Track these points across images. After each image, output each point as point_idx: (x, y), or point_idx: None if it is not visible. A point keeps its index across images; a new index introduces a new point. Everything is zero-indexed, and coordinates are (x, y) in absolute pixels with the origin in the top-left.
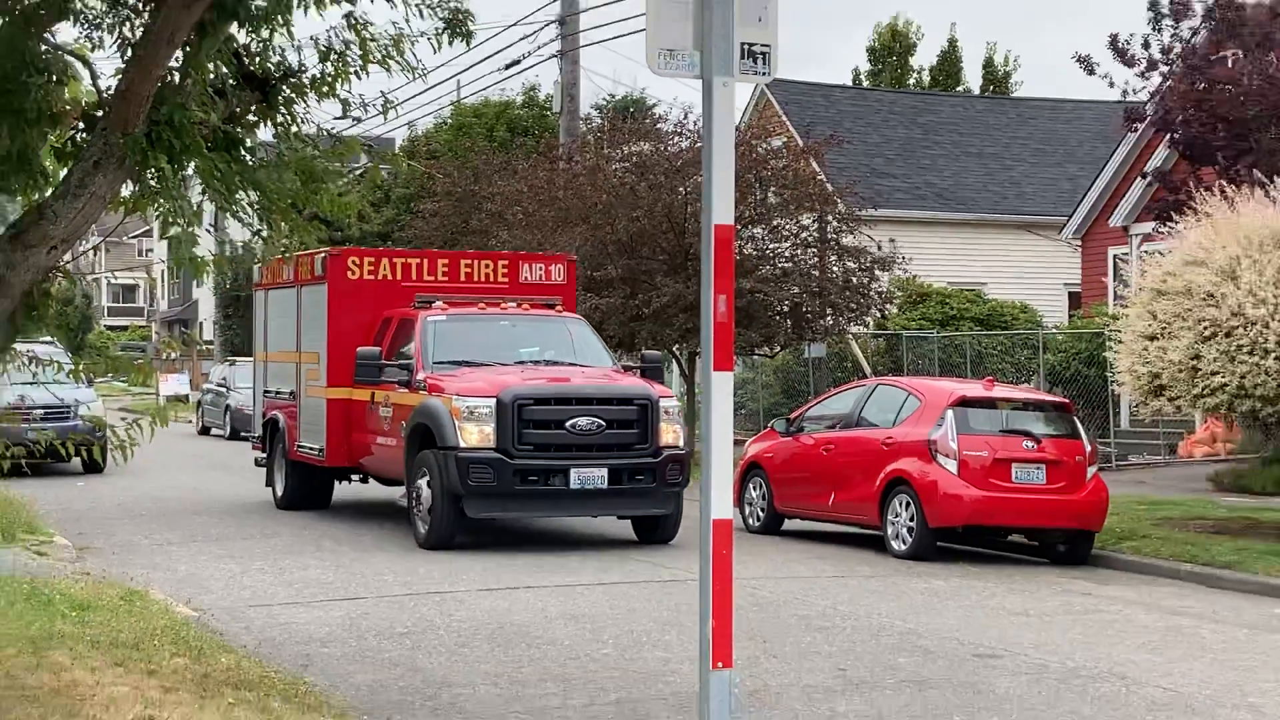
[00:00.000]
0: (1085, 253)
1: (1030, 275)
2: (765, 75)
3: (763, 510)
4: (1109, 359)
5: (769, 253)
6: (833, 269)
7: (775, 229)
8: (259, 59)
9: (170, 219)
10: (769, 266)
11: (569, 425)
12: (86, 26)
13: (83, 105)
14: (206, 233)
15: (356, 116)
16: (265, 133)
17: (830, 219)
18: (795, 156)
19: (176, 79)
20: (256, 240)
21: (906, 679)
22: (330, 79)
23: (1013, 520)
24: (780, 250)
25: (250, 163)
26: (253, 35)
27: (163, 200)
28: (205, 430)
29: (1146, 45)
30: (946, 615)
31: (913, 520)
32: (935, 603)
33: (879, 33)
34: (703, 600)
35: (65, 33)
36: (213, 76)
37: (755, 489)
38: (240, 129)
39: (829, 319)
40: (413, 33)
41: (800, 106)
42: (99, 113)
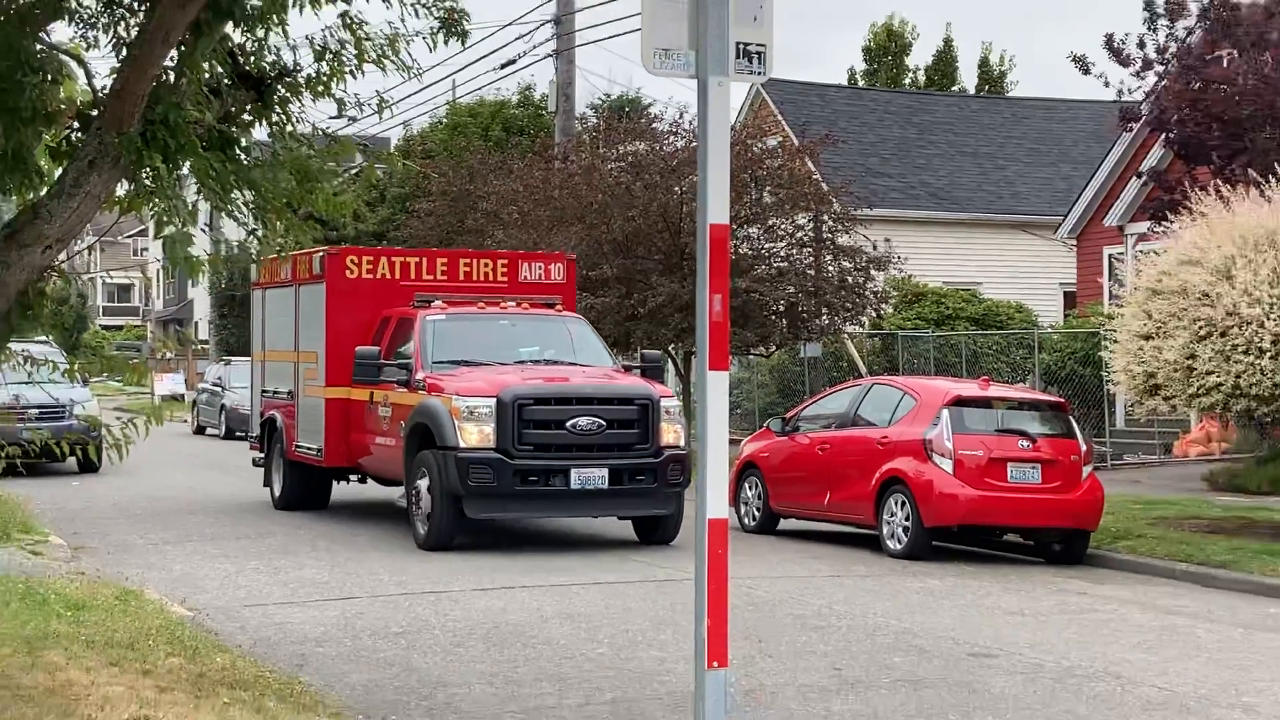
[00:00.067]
0: (1080, 252)
1: (1025, 275)
2: (760, 75)
3: (758, 510)
4: (1104, 358)
5: (764, 252)
6: (828, 269)
7: (771, 228)
8: (254, 58)
9: (165, 218)
10: (764, 266)
11: (569, 425)
12: (82, 26)
13: (78, 104)
14: (202, 232)
15: (352, 116)
16: (260, 132)
17: (825, 218)
18: (790, 156)
19: (171, 78)
20: (252, 240)
21: (902, 678)
22: (325, 78)
23: (1008, 520)
24: (776, 250)
25: (245, 162)
26: (248, 34)
27: (158, 199)
28: (200, 430)
29: (1142, 45)
30: (942, 614)
31: (908, 520)
32: (930, 602)
33: (874, 32)
34: (698, 600)
35: (60, 32)
36: (208, 76)
37: (751, 488)
38: (235, 128)
39: (824, 319)
40: (408, 32)
41: (795, 106)
42: (94, 112)
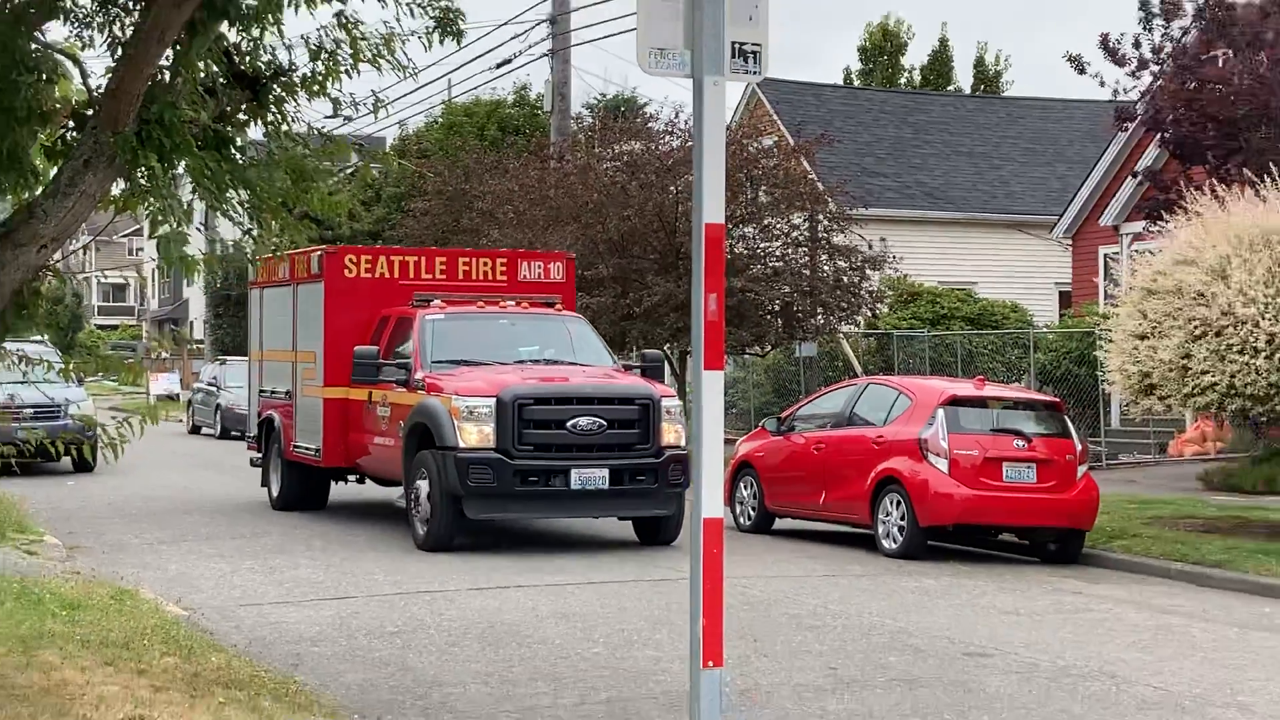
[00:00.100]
0: (1076, 252)
1: (1021, 274)
2: (756, 74)
3: (754, 509)
4: (1099, 358)
5: (760, 252)
6: (823, 268)
7: (766, 228)
8: (249, 58)
9: (160, 218)
10: (760, 265)
11: (570, 425)
12: (77, 25)
13: (73, 104)
14: (197, 231)
15: (347, 115)
16: (256, 131)
17: (821, 218)
18: (786, 155)
19: (167, 77)
20: (247, 239)
21: (897, 678)
22: (321, 78)
23: (1003, 519)
24: (771, 249)
25: (240, 161)
26: (243, 34)
27: (153, 199)
28: (196, 429)
29: (1137, 45)
30: (937, 614)
31: (903, 519)
32: (926, 601)
33: (870, 32)
34: (693, 599)
35: (55, 31)
36: (203, 75)
37: (746, 488)
38: (231, 128)
39: (820, 318)
40: (403, 32)
41: (791, 105)
42: (89, 111)
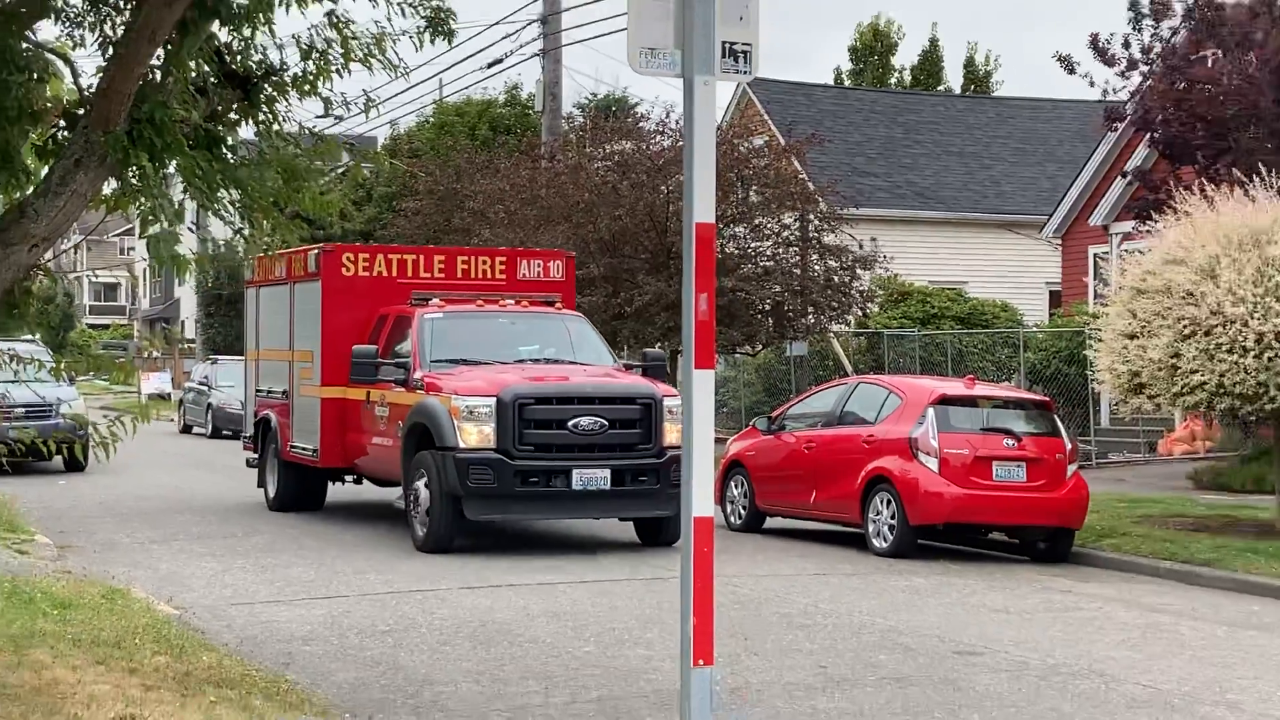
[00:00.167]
0: (1065, 251)
1: (1011, 274)
2: (746, 74)
3: (744, 508)
4: (1089, 357)
5: (751, 251)
6: (814, 268)
7: (757, 228)
8: (240, 57)
9: (151, 217)
10: (751, 265)
11: (571, 425)
12: (68, 24)
13: (64, 103)
14: (189, 230)
15: (338, 115)
16: (247, 131)
17: (812, 218)
18: (777, 155)
19: (158, 77)
20: (238, 239)
21: (887, 676)
22: (312, 77)
23: (993, 518)
24: (762, 249)
25: (232, 161)
26: (234, 33)
27: (144, 198)
28: (187, 429)
29: (1127, 45)
30: (927, 613)
31: (894, 518)
32: (916, 600)
33: (860, 32)
34: (684, 598)
35: (46, 31)
36: (194, 74)
37: (737, 487)
38: (222, 127)
39: (810, 317)
40: (394, 31)
41: (782, 105)
42: (80, 110)
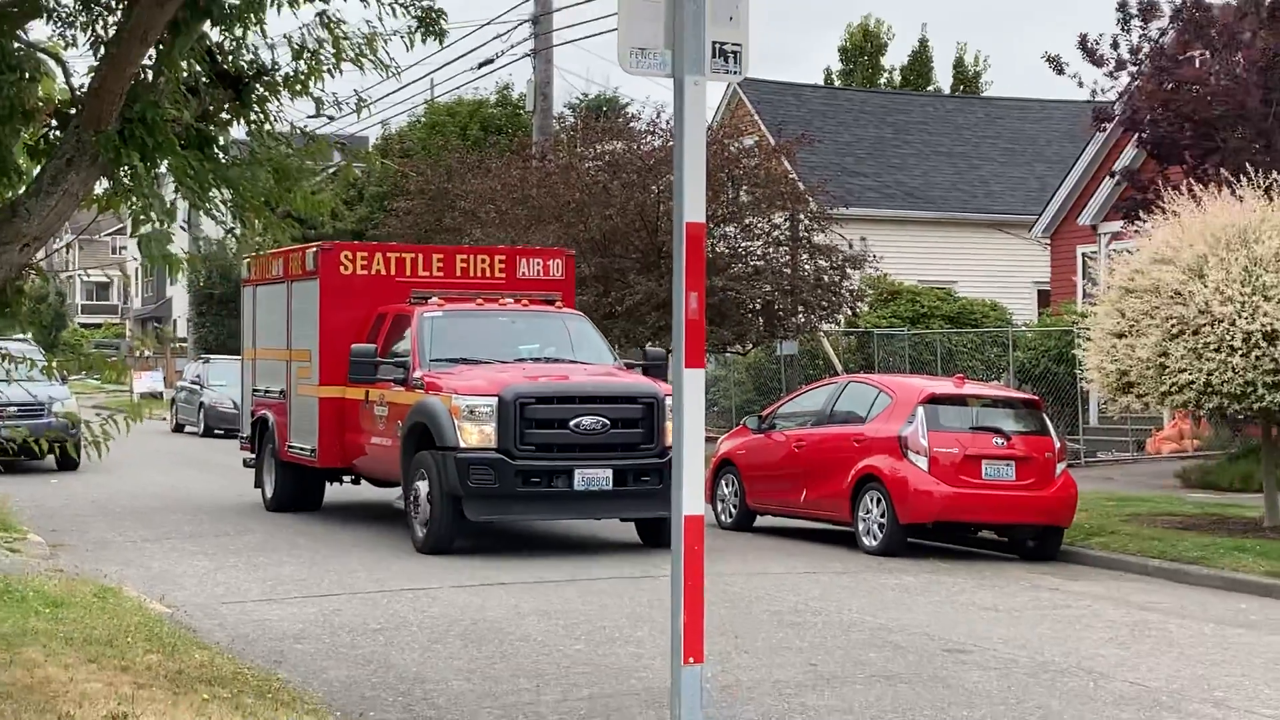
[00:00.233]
0: (1054, 251)
1: (1000, 273)
2: (736, 74)
3: (735, 507)
4: (1078, 356)
5: (741, 251)
6: (804, 267)
7: (747, 227)
8: (232, 57)
9: (143, 216)
10: (741, 264)
11: (573, 425)
12: (60, 24)
13: (56, 102)
14: (181, 229)
15: (330, 115)
16: (238, 131)
17: (802, 217)
18: (767, 155)
19: (149, 77)
20: (230, 238)
21: (877, 674)
22: (303, 77)
23: (983, 516)
24: (752, 248)
25: (223, 160)
26: (226, 33)
27: (135, 198)
28: (179, 428)
29: (1115, 45)
30: (917, 611)
31: (883, 516)
32: (905, 598)
33: (850, 33)
34: (674, 596)
35: (38, 30)
36: (186, 74)
37: (727, 485)
38: (213, 127)
39: (801, 317)
40: (386, 31)
41: (772, 105)
42: (72, 110)
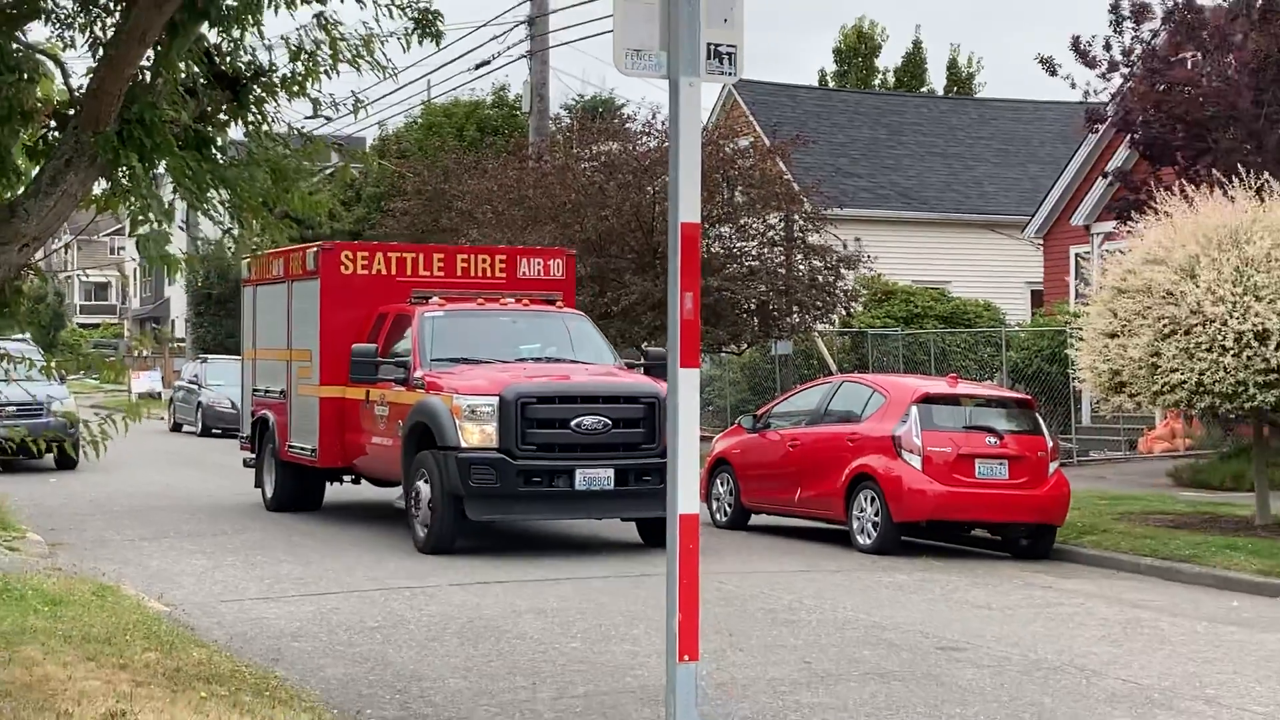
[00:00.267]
0: (1047, 251)
1: (993, 274)
2: (731, 75)
3: (730, 505)
4: (1070, 356)
5: (736, 251)
6: (799, 267)
7: (742, 228)
8: (230, 58)
9: (141, 217)
10: (736, 265)
11: (574, 424)
12: (58, 26)
13: (55, 104)
14: (179, 229)
15: (327, 116)
16: (236, 132)
17: (796, 218)
18: (762, 156)
19: (148, 78)
20: (228, 239)
21: (871, 671)
22: (301, 78)
23: (976, 515)
24: (747, 249)
25: (221, 161)
26: (224, 35)
27: (134, 198)
28: (177, 427)
29: (1108, 47)
30: (911, 609)
31: (878, 515)
32: (900, 596)
33: (845, 34)
34: (669, 594)
35: (37, 32)
36: (184, 75)
37: (722, 484)
38: (211, 128)
39: (795, 317)
40: (383, 33)
41: (767, 107)
42: (71, 111)
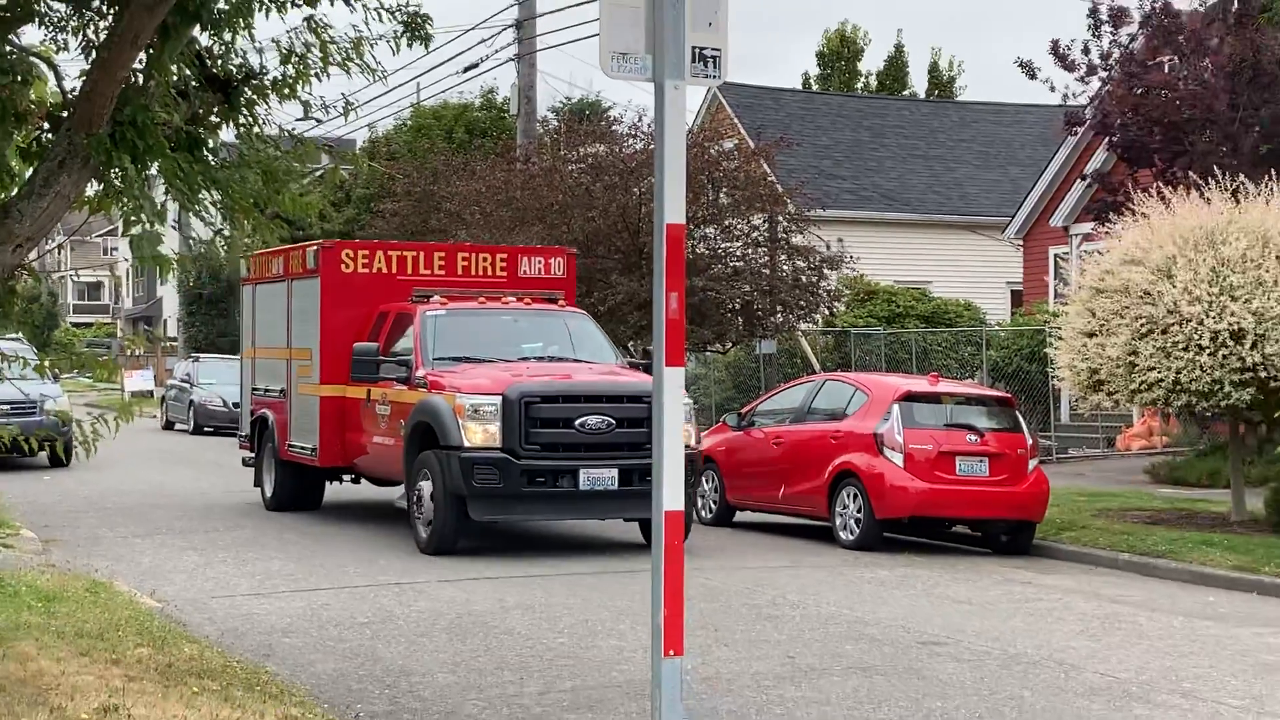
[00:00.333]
0: (1027, 252)
1: (974, 274)
2: (715, 78)
3: (715, 502)
4: (1049, 355)
5: (721, 252)
6: (783, 268)
7: (727, 229)
8: (221, 61)
9: (133, 218)
10: (721, 265)
11: (578, 424)
12: (51, 29)
13: (48, 106)
14: (171, 229)
15: (317, 118)
16: (227, 133)
17: (780, 219)
18: (746, 158)
19: (140, 80)
20: (219, 239)
21: (853, 666)
22: (291, 81)
23: (957, 511)
24: (732, 249)
25: (213, 163)
26: (215, 38)
27: (126, 199)
28: (169, 425)
29: (1086, 51)
30: (892, 604)
31: (860, 512)
32: (882, 592)
33: (828, 38)
34: (655, 590)
35: (31, 35)
36: (175, 78)
37: (708, 481)
38: (203, 130)
39: (779, 316)
40: (372, 36)
41: (751, 109)
42: (64, 113)
